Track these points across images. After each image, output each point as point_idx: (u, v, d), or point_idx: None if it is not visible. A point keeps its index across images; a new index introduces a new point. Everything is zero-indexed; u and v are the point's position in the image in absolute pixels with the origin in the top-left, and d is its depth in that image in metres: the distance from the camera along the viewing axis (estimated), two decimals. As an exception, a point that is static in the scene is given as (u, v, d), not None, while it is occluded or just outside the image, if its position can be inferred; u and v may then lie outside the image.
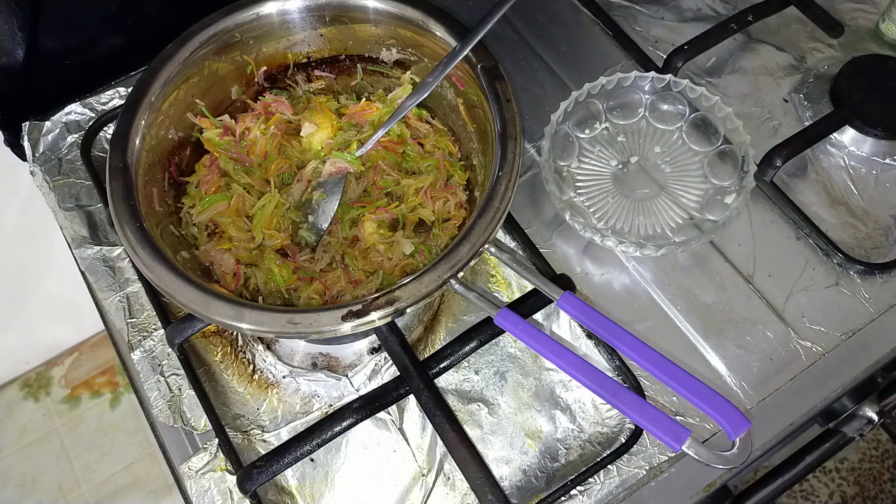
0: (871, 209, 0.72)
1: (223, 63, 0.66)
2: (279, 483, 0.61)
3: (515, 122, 0.59)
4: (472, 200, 0.67)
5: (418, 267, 0.63)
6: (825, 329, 0.67)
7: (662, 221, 0.70)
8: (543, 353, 0.52)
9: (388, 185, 0.66)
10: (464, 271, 0.53)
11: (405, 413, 0.63)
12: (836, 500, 1.43)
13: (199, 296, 0.52)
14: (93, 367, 1.49)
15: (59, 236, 0.73)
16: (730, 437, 0.47)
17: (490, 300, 0.54)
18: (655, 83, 0.74)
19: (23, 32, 0.70)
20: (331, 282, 0.62)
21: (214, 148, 0.66)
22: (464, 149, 0.69)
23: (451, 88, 0.67)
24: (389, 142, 0.67)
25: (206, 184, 0.65)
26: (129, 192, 0.56)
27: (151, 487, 1.38)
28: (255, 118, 0.67)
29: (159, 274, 0.53)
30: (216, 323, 0.53)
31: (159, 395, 0.63)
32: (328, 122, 0.68)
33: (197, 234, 0.64)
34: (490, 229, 0.54)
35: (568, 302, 0.53)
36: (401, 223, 0.65)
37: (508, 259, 0.56)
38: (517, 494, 0.60)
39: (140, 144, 0.59)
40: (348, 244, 0.64)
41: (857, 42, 0.83)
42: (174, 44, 0.63)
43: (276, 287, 0.61)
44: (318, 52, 0.71)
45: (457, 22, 0.63)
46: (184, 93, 0.64)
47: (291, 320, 0.51)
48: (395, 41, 0.68)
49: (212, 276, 0.62)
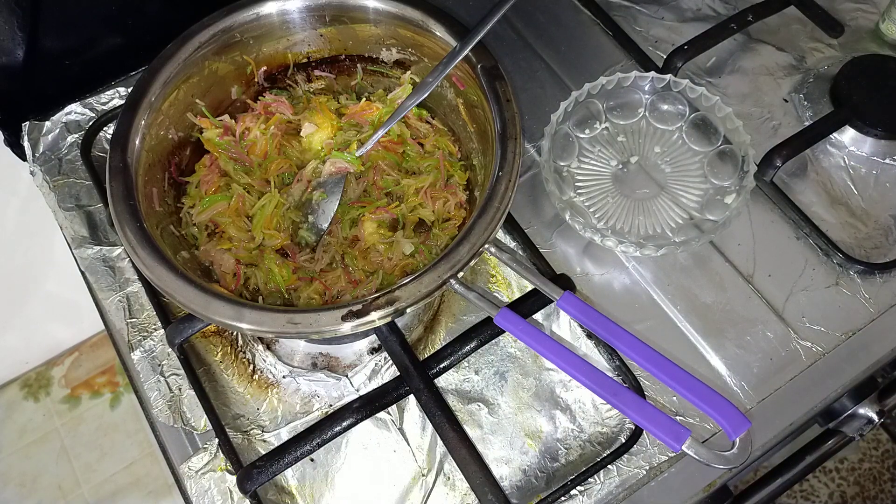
0: (871, 209, 0.72)
1: (223, 63, 0.66)
2: (279, 483, 0.61)
3: (515, 122, 0.59)
4: (472, 200, 0.67)
5: (418, 267, 0.63)
6: (825, 329, 0.67)
7: (662, 221, 0.70)
8: (543, 353, 0.52)
9: (388, 185, 0.66)
10: (464, 271, 0.53)
11: (405, 413, 0.63)
12: (836, 500, 1.43)
13: (199, 296, 0.52)
14: (93, 367, 1.49)
15: (59, 236, 0.73)
16: (730, 437, 0.47)
17: (490, 300, 0.54)
18: (655, 83, 0.74)
19: (23, 32, 0.70)
20: (331, 282, 0.62)
21: (214, 148, 0.66)
22: (464, 149, 0.69)
23: (451, 88, 0.67)
24: (389, 142, 0.67)
25: (206, 184, 0.65)
26: (129, 192, 0.57)
27: (151, 487, 1.38)
28: (255, 118, 0.67)
29: (159, 274, 0.53)
30: (216, 323, 0.53)
31: (159, 395, 0.63)
32: (328, 122, 0.68)
33: (197, 234, 0.64)
34: (490, 229, 0.54)
35: (568, 302, 0.53)
36: (401, 223, 0.65)
37: (508, 259, 0.56)
38: (517, 494, 0.60)
39: (140, 144, 0.59)
40: (348, 244, 0.64)
41: (857, 42, 0.83)
42: (174, 44, 0.63)
43: (276, 287, 0.61)
44: (318, 52, 0.71)
45: (457, 22, 0.63)
46: (184, 93, 0.64)
47: (291, 320, 0.51)
48: (395, 41, 0.68)
49: (212, 276, 0.62)
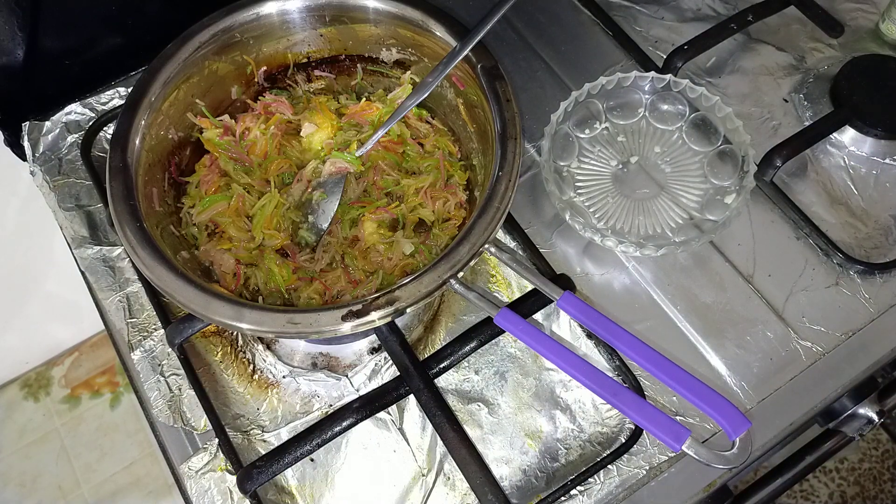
0: (871, 209, 0.72)
1: (223, 63, 0.66)
2: (279, 483, 0.61)
3: (515, 122, 0.59)
4: (472, 200, 0.67)
5: (418, 267, 0.63)
6: (825, 329, 0.67)
7: (662, 221, 0.70)
8: (543, 353, 0.52)
9: (388, 185, 0.66)
10: (464, 271, 0.53)
11: (405, 413, 0.63)
12: (836, 500, 1.43)
13: (199, 296, 0.52)
14: (93, 367, 1.49)
15: (59, 236, 0.73)
16: (730, 437, 0.47)
17: (490, 300, 0.54)
18: (655, 83, 0.74)
19: (23, 32, 0.70)
20: (331, 282, 0.62)
21: (214, 148, 0.66)
22: (464, 149, 0.69)
23: (451, 88, 0.67)
24: (389, 142, 0.67)
25: (206, 184, 0.65)
26: (129, 192, 0.57)
27: (151, 487, 1.38)
28: (255, 118, 0.67)
29: (159, 274, 0.53)
30: (216, 323, 0.53)
31: (159, 395, 0.63)
32: (328, 122, 0.68)
33: (197, 234, 0.64)
34: (490, 229, 0.54)
35: (568, 302, 0.53)
36: (401, 223, 0.65)
37: (508, 259, 0.56)
38: (517, 494, 0.60)
39: (140, 144, 0.59)
40: (348, 244, 0.64)
41: (857, 42, 0.83)
42: (174, 44, 0.63)
43: (276, 287, 0.61)
44: (318, 52, 0.71)
45: (457, 22, 0.63)
46: (184, 93, 0.64)
47: (291, 320, 0.51)
48: (395, 41, 0.68)
49: (212, 276, 0.62)
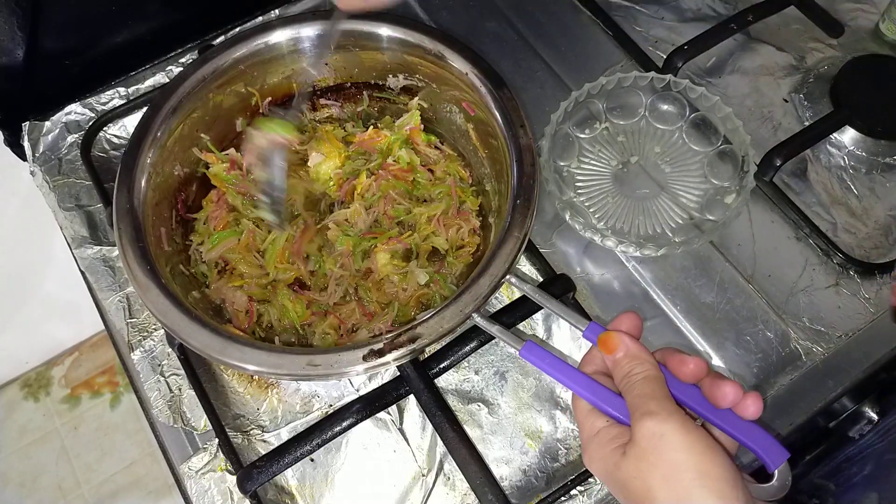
0: (871, 209, 0.72)
1: (227, 95, 0.65)
2: (279, 483, 0.61)
3: (531, 148, 0.58)
4: (486, 226, 0.66)
5: (433, 297, 0.62)
6: (825, 329, 0.67)
7: (662, 221, 0.70)
8: (572, 387, 0.48)
9: (400, 213, 0.66)
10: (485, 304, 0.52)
11: (405, 413, 0.63)
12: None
13: (214, 340, 0.51)
14: (93, 367, 1.49)
15: (59, 236, 0.73)
16: (769, 469, 0.45)
17: (514, 333, 0.52)
18: (655, 83, 0.74)
19: (23, 32, 0.70)
20: (345, 315, 0.61)
21: (221, 183, 0.65)
22: (475, 173, 0.69)
23: (461, 113, 0.66)
24: (399, 170, 0.66)
25: (215, 219, 0.64)
26: (137, 234, 0.56)
27: (151, 487, 1.39)
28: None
29: (173, 319, 0.52)
30: (232, 367, 0.52)
31: (159, 395, 0.63)
32: (335, 151, 0.67)
33: (207, 272, 0.63)
34: (510, 260, 0.53)
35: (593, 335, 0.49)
36: (414, 252, 0.64)
37: (530, 290, 0.54)
38: (517, 494, 0.60)
39: (146, 184, 0.59)
40: (361, 276, 0.63)
41: (857, 42, 0.83)
42: (177, 78, 0.62)
43: (291, 323, 0.60)
44: (323, 81, 0.70)
45: (466, 46, 0.63)
46: (188, 128, 0.63)
47: (311, 362, 0.50)
48: (401, 67, 0.67)
49: (223, 315, 0.62)
